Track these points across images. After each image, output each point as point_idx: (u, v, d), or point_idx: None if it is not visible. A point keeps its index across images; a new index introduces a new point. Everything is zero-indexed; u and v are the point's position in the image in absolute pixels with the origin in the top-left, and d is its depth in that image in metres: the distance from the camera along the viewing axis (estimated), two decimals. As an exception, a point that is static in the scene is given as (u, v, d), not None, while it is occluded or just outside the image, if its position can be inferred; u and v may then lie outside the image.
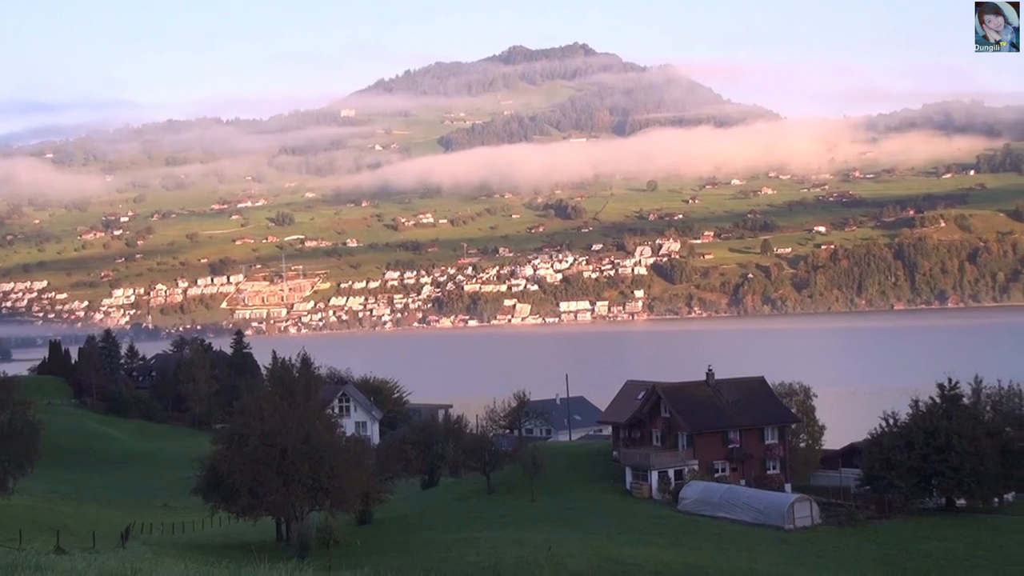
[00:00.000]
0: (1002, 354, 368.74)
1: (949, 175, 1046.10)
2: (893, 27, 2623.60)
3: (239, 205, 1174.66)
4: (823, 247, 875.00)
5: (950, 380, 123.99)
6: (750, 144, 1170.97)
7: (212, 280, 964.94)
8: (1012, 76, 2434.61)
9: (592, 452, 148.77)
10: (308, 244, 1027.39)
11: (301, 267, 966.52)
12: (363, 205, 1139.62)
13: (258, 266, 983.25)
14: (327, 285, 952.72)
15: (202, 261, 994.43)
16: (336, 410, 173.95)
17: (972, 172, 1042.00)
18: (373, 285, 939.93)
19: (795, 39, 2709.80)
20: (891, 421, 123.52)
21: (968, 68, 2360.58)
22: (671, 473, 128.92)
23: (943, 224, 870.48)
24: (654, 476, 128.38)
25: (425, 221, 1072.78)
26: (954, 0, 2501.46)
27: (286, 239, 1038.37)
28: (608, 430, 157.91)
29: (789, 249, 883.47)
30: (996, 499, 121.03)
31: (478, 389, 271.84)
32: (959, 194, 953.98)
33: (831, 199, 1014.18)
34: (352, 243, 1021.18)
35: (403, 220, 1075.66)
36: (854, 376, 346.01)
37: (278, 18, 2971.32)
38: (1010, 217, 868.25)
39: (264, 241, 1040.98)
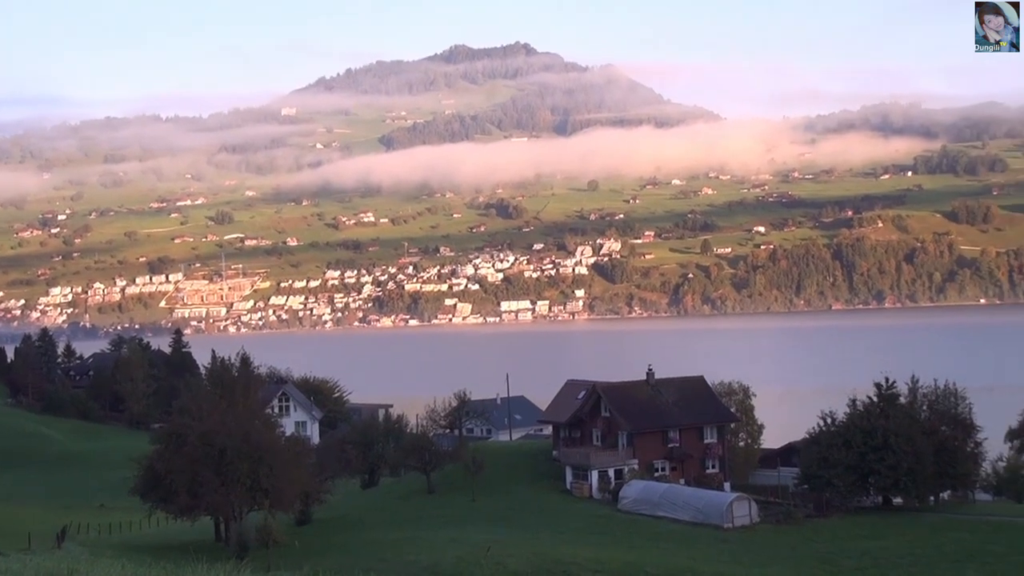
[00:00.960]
0: (938, 354, 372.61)
1: (887, 176, 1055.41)
2: (831, 29, 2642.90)
3: (178, 203, 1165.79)
4: (762, 247, 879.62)
5: (887, 380, 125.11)
6: (690, 145, 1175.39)
7: (151, 279, 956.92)
8: (948, 78, 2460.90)
9: (532, 451, 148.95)
10: (248, 243, 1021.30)
11: (241, 266, 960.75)
12: (303, 204, 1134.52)
13: (197, 265, 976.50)
14: (267, 284, 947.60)
15: (140, 260, 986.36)
16: (276, 410, 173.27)
17: (909, 173, 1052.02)
18: (313, 284, 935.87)
19: (735, 40, 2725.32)
20: (829, 420, 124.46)
21: (905, 70, 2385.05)
22: (611, 472, 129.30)
23: (881, 225, 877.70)
24: (594, 475, 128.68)
25: (366, 220, 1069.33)
26: (891, 3, 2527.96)
27: (226, 238, 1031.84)
28: (548, 429, 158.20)
29: (729, 249, 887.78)
30: (932, 497, 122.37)
31: (419, 389, 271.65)
32: (896, 195, 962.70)
33: (770, 200, 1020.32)
34: (292, 242, 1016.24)
35: (344, 219, 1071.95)
36: (793, 375, 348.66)
37: (218, 15, 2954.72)
38: (946, 218, 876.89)
39: (203, 240, 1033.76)
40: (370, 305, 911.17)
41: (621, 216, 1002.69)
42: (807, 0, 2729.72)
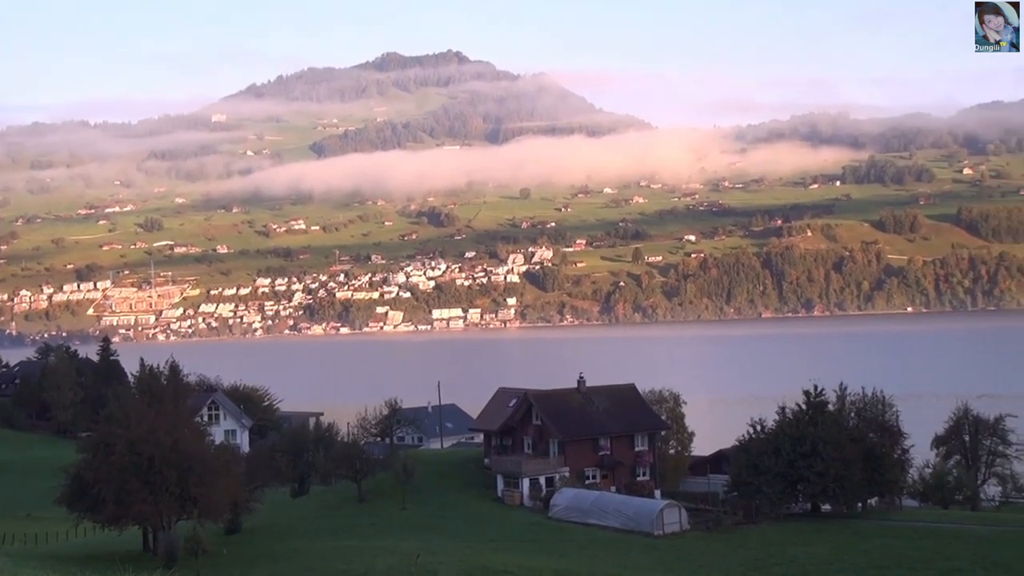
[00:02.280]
0: (866, 362, 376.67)
1: (816, 185, 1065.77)
2: (760, 39, 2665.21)
3: (107, 210, 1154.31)
4: (693, 256, 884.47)
5: (816, 387, 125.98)
6: (622, 153, 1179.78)
7: (78, 286, 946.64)
8: (876, 89, 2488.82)
9: (464, 459, 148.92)
10: (177, 250, 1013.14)
11: (170, 273, 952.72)
12: (234, 211, 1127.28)
13: (126, 272, 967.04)
14: (197, 292, 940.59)
15: (68, 267, 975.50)
16: (205, 418, 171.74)
17: (838, 183, 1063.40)
18: (244, 292, 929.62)
19: (667, 50, 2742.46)
20: (759, 427, 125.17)
21: (833, 81, 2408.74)
22: (542, 480, 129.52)
23: (810, 234, 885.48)
24: (525, 483, 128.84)
25: (297, 228, 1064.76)
26: (820, 13, 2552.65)
27: (155, 245, 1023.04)
28: (480, 437, 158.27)
29: (660, 258, 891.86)
30: (860, 504, 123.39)
31: (349, 397, 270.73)
32: (825, 204, 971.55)
33: (701, 208, 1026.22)
34: (222, 249, 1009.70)
35: (274, 226, 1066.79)
36: (723, 383, 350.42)
37: (147, 20, 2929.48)
38: (874, 227, 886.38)
39: (132, 247, 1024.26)
40: (301, 313, 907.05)
41: (553, 224, 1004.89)
42: (736, 10, 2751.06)
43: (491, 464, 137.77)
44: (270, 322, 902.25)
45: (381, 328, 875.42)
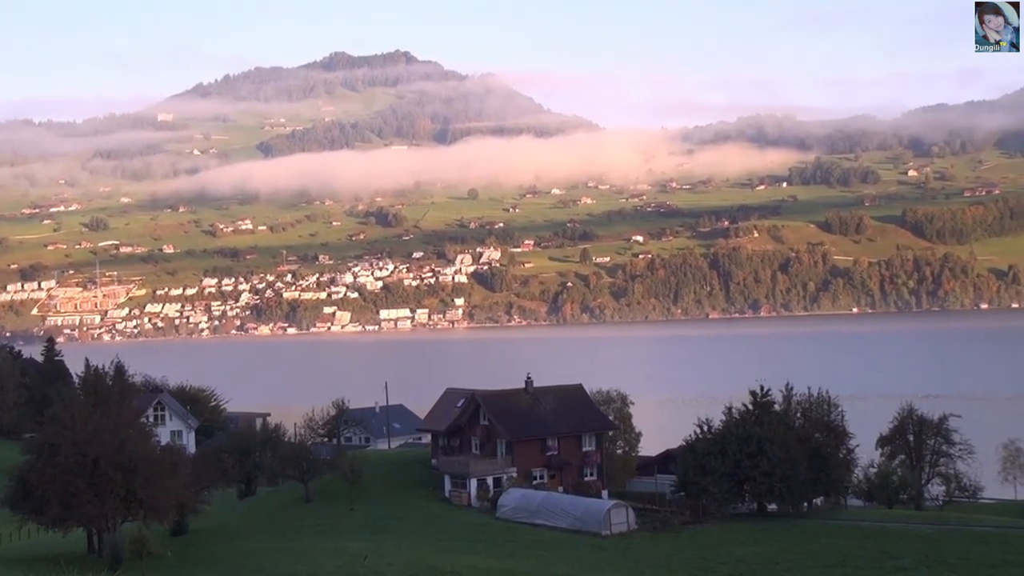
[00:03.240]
0: (812, 362, 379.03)
1: (762, 187, 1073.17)
2: (707, 41, 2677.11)
3: (51, 210, 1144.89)
4: (640, 256, 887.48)
5: (762, 388, 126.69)
6: (570, 154, 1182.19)
7: (22, 286, 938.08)
8: (822, 91, 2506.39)
9: (411, 460, 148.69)
10: (123, 250, 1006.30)
11: (116, 273, 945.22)
12: (180, 211, 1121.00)
13: (71, 272, 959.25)
14: (143, 292, 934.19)
15: (12, 267, 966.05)
16: (151, 419, 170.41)
17: (784, 184, 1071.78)
18: (190, 292, 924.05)
19: (614, 51, 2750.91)
20: (705, 428, 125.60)
21: (780, 83, 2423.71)
22: (490, 481, 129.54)
23: (756, 235, 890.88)
24: (473, 484, 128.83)
25: (244, 228, 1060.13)
26: (766, 15, 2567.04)
27: (100, 244, 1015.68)
28: (427, 438, 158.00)
29: (607, 258, 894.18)
30: (806, 503, 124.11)
31: (297, 397, 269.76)
32: (772, 205, 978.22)
33: (649, 209, 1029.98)
34: (168, 249, 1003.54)
35: (221, 226, 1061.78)
36: (670, 384, 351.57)
37: (92, 19, 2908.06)
38: (820, 228, 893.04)
39: (77, 247, 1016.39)
40: (248, 313, 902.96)
41: (501, 225, 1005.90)
42: (684, 12, 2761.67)
43: (438, 465, 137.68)
44: (217, 322, 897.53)
45: (328, 328, 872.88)
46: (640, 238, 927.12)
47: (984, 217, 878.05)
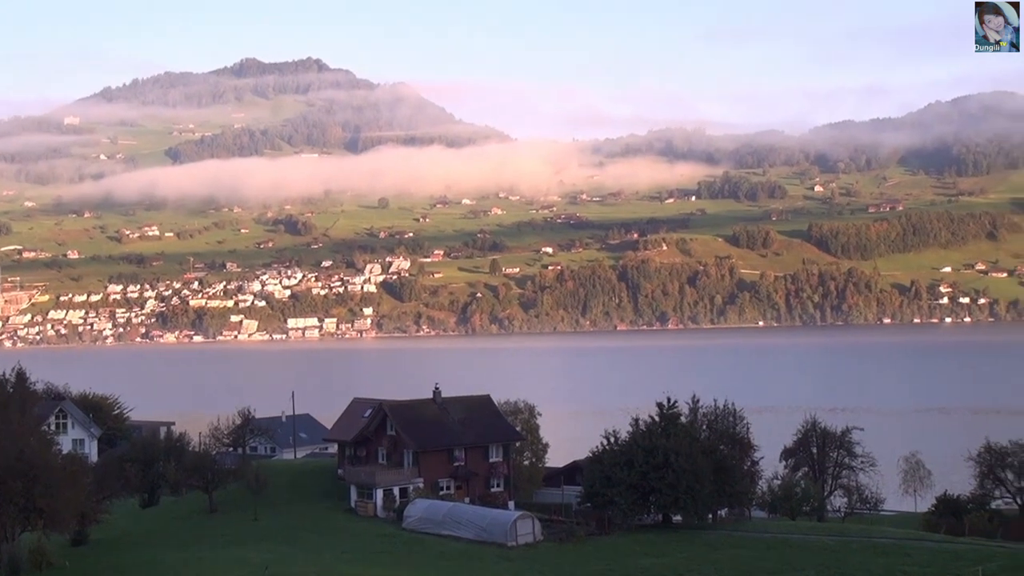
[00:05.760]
0: (718, 375, 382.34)
1: (671, 200, 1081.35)
2: (618, 54, 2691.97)
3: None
4: (550, 268, 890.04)
5: (669, 399, 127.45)
6: (481, 165, 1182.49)
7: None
8: (730, 106, 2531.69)
9: (317, 470, 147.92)
10: (26, 255, 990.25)
11: (18, 278, 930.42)
12: (85, 216, 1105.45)
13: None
14: (46, 298, 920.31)
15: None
16: (52, 427, 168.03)
17: (693, 198, 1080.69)
18: (95, 298, 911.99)
19: (526, 62, 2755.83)
20: (612, 439, 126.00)
21: (689, 97, 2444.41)
22: (396, 491, 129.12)
23: (665, 248, 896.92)
24: (379, 494, 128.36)
25: (150, 234, 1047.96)
26: (677, 30, 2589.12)
27: (2, 249, 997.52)
28: (334, 448, 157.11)
29: (517, 269, 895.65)
30: (710, 515, 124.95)
31: (202, 406, 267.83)
32: (680, 219, 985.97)
33: (559, 221, 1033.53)
34: (73, 255, 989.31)
35: (127, 232, 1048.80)
36: (578, 395, 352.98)
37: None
38: (728, 242, 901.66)
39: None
40: (153, 320, 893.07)
41: (411, 234, 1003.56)
42: (596, 25, 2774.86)
43: (345, 475, 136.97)
44: (121, 330, 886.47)
45: (235, 337, 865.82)
46: (550, 249, 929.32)
47: (888, 233, 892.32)
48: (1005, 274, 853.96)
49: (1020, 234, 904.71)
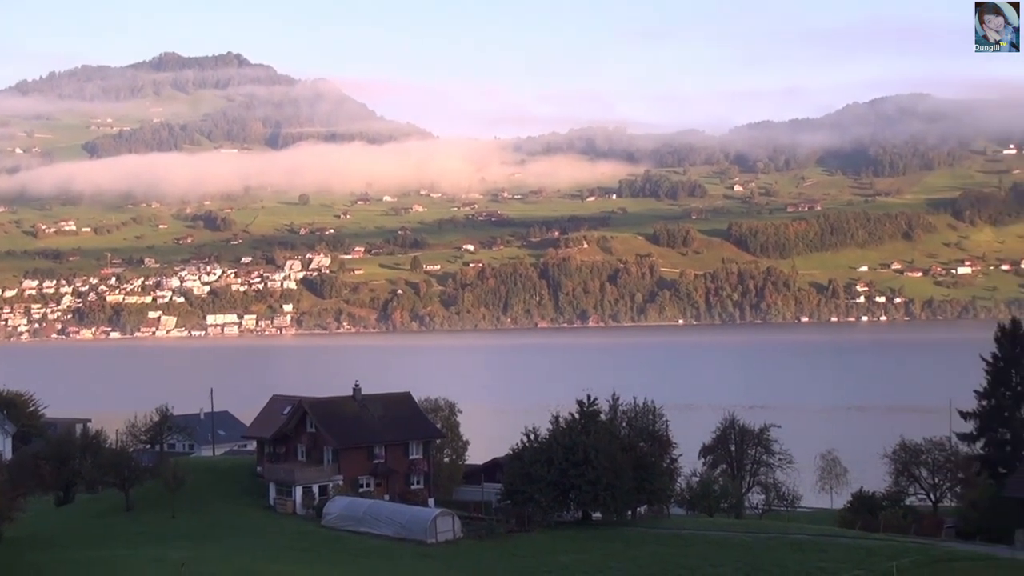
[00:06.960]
0: (638, 372, 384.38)
1: (593, 198, 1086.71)
2: (539, 53, 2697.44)
3: None
4: (471, 265, 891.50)
5: (589, 397, 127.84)
6: (402, 162, 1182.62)
7: None
8: (651, 106, 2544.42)
9: (236, 467, 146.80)
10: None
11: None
12: (0, 210, 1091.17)
13: None
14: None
15: None
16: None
17: (614, 196, 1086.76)
18: (9, 294, 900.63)
19: (448, 59, 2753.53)
20: (532, 437, 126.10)
21: (610, 96, 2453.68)
22: (316, 488, 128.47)
23: (586, 245, 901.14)
24: (298, 491, 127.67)
25: (67, 229, 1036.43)
26: (598, 29, 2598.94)
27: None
28: (253, 445, 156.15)
29: (438, 266, 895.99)
30: (629, 512, 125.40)
31: (119, 403, 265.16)
32: (601, 217, 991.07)
33: (480, 218, 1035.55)
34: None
35: (43, 227, 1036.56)
36: (499, 393, 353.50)
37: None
38: (648, 240, 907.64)
39: None
40: (69, 316, 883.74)
41: (331, 231, 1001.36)
42: (518, 23, 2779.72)
43: (264, 472, 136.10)
44: (37, 325, 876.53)
45: (153, 333, 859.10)
46: (471, 247, 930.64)
47: (806, 232, 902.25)
48: (920, 274, 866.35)
49: (935, 234, 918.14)
